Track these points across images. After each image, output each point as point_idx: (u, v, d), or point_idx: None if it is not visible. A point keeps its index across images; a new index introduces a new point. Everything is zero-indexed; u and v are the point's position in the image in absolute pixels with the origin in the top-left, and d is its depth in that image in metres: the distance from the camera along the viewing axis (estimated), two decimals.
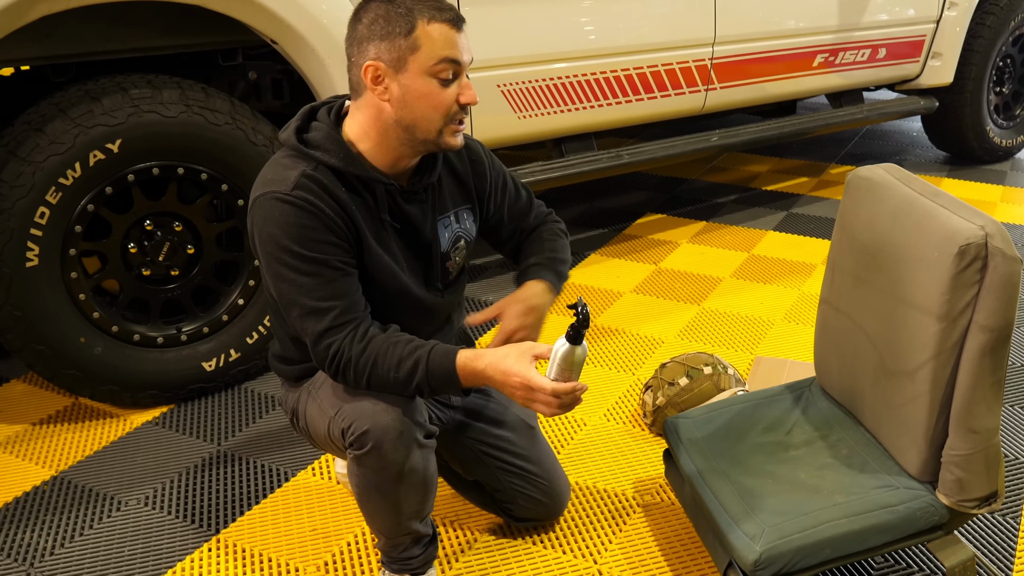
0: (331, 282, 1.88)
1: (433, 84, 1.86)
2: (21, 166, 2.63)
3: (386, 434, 1.89)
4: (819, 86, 4.61)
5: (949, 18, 4.97)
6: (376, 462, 1.91)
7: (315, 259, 1.86)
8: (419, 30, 1.83)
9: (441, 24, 1.84)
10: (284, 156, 1.94)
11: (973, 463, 1.86)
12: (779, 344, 3.41)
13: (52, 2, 2.53)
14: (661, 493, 2.56)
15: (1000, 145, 5.66)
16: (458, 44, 1.86)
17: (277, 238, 1.86)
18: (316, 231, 1.86)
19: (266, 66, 3.26)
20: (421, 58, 1.84)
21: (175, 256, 2.97)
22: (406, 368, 1.86)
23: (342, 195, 1.90)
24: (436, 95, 1.87)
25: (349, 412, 1.93)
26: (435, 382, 1.87)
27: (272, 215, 1.86)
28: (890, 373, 1.98)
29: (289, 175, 1.88)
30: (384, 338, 1.89)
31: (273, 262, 1.88)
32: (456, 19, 1.86)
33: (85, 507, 2.54)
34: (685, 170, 5.67)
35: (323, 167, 1.90)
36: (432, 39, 1.83)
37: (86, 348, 2.85)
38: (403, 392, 1.90)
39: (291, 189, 1.85)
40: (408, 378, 1.87)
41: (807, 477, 2.05)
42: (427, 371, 1.86)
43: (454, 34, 1.85)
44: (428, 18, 1.83)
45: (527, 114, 3.52)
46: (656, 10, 3.79)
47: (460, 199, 2.15)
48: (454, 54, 1.85)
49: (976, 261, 1.76)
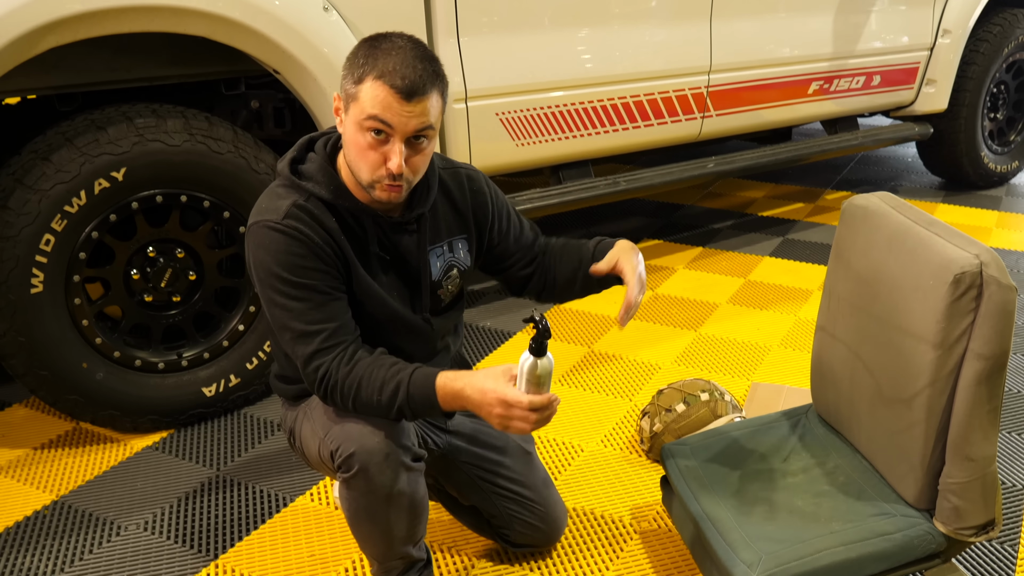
0: (320, 306, 1.92)
1: (363, 137, 1.87)
2: (27, 194, 2.65)
3: (372, 456, 1.91)
4: (814, 113, 4.65)
5: (943, 45, 5.01)
6: (364, 485, 1.94)
7: (303, 284, 1.91)
8: (365, 83, 1.84)
9: (385, 87, 1.82)
10: (279, 186, 1.99)
11: (970, 491, 1.87)
12: (776, 370, 3.43)
13: (60, 34, 2.56)
14: (658, 520, 2.57)
15: (995, 171, 5.70)
16: (393, 109, 1.83)
17: (268, 265, 1.92)
18: (304, 258, 1.91)
19: (268, 95, 3.29)
20: (355, 108, 1.86)
21: (177, 282, 2.99)
22: (388, 391, 1.89)
23: (332, 225, 1.95)
24: (364, 150, 1.88)
25: (337, 434, 1.96)
26: (415, 405, 1.89)
27: (264, 242, 1.92)
28: (887, 401, 1.99)
29: (281, 205, 1.93)
30: (370, 361, 1.92)
31: (265, 287, 1.94)
32: (408, 89, 1.82)
33: (85, 532, 2.55)
34: (682, 196, 5.70)
35: (314, 198, 1.95)
36: (370, 96, 1.83)
37: (88, 373, 2.86)
38: (387, 415, 1.92)
39: (282, 218, 1.91)
40: (390, 401, 1.89)
41: (804, 504, 2.06)
42: (408, 394, 1.88)
43: (393, 100, 1.82)
44: (376, 75, 1.83)
45: (525, 142, 3.55)
46: (653, 39, 3.82)
47: (456, 228, 2.17)
48: (385, 117, 1.83)
49: (971, 290, 1.78)
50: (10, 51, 2.50)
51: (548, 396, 1.84)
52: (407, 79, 1.82)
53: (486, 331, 3.78)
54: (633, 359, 3.52)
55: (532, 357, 1.82)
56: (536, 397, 1.83)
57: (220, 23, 2.74)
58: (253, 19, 2.77)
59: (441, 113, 1.94)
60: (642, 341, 3.68)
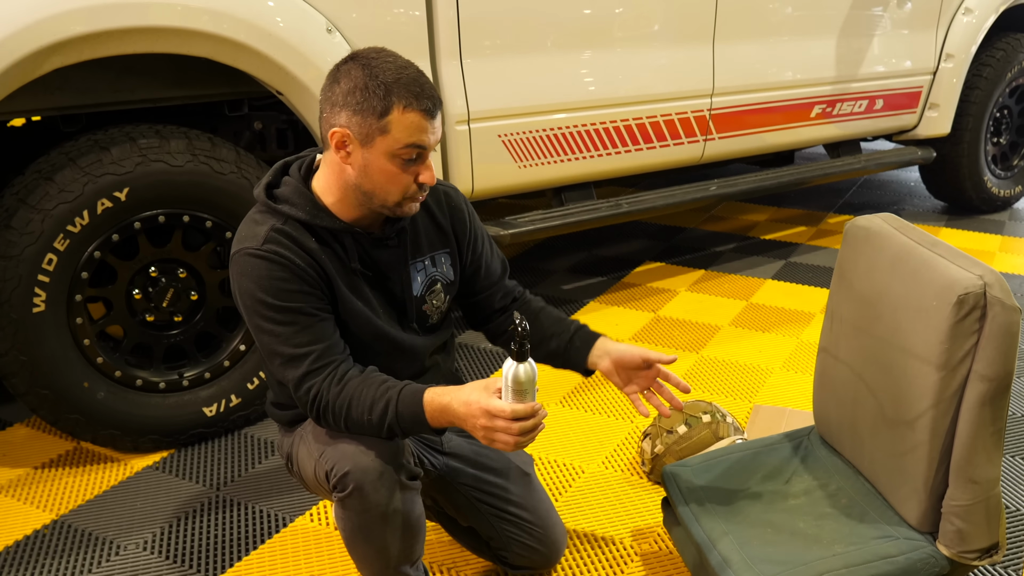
0: (306, 328, 1.93)
1: (396, 164, 1.89)
2: (30, 214, 2.66)
3: (367, 475, 1.91)
4: (817, 136, 4.66)
5: (946, 70, 5.02)
6: (359, 504, 1.93)
7: (289, 308, 1.91)
8: (393, 115, 1.85)
9: (416, 113, 1.85)
10: (256, 212, 2.00)
11: (974, 514, 1.86)
12: (778, 392, 3.42)
13: (65, 54, 2.57)
14: (659, 542, 2.56)
15: (998, 195, 5.70)
16: (428, 131, 1.88)
17: (252, 291, 1.92)
18: (287, 282, 1.91)
19: (271, 116, 3.31)
20: (389, 141, 1.87)
21: (179, 302, 2.99)
22: (378, 410, 1.89)
23: (312, 246, 1.96)
24: (396, 175, 1.91)
25: (331, 455, 1.96)
26: (405, 422, 1.89)
27: (246, 270, 1.93)
28: (889, 422, 1.99)
29: (259, 231, 1.94)
30: (359, 380, 1.92)
31: (252, 315, 1.94)
32: (431, 109, 1.87)
33: (85, 551, 2.54)
34: (684, 219, 5.71)
35: (292, 221, 1.96)
36: (404, 126, 1.85)
37: (89, 393, 2.86)
38: (378, 434, 1.92)
39: (261, 244, 1.92)
40: (380, 420, 1.89)
41: (806, 526, 2.05)
42: (397, 412, 1.88)
43: (426, 122, 1.87)
44: (404, 105, 1.84)
45: (528, 163, 3.56)
46: (655, 62, 3.84)
47: (438, 243, 2.17)
48: (422, 140, 1.88)
49: (975, 311, 1.78)
50: (15, 72, 2.51)
51: (531, 405, 1.81)
52: (431, 98, 1.87)
53: (485, 352, 3.78)
54: None
55: (515, 363, 1.79)
56: (519, 406, 1.80)
57: (224, 44, 2.76)
58: (257, 41, 2.78)
59: None
60: None
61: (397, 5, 3.11)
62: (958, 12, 5.01)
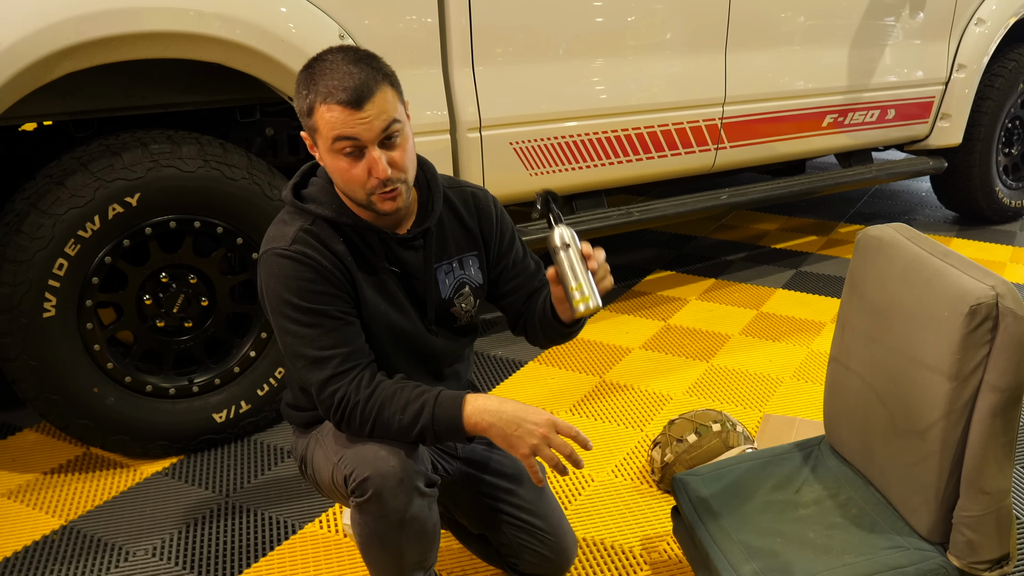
0: (332, 331, 1.92)
1: (341, 160, 1.87)
2: (41, 218, 2.67)
3: (386, 481, 1.89)
4: (828, 146, 4.65)
5: (958, 80, 5.01)
6: (377, 509, 1.92)
7: (315, 310, 1.91)
8: (317, 112, 1.85)
9: (333, 107, 1.82)
10: (285, 213, 2.01)
11: (984, 524, 1.85)
12: (788, 402, 3.41)
13: (77, 59, 2.58)
14: (669, 550, 2.55)
15: (1009, 206, 5.69)
16: (351, 122, 1.83)
17: (279, 292, 1.92)
18: (314, 283, 1.92)
19: (283, 122, 3.31)
20: (322, 138, 1.87)
21: (189, 308, 2.99)
22: (412, 410, 1.89)
23: (339, 247, 1.96)
24: (345, 171, 1.88)
25: (351, 459, 1.94)
26: (440, 425, 1.89)
27: (274, 270, 1.93)
28: (900, 432, 1.98)
29: (288, 231, 1.95)
30: (393, 383, 1.93)
31: (277, 316, 1.94)
32: (355, 99, 1.82)
33: (94, 557, 2.54)
34: (694, 227, 5.71)
35: (320, 220, 1.97)
36: (327, 122, 1.84)
37: (99, 398, 2.86)
38: (406, 436, 1.91)
39: (289, 244, 1.92)
40: (413, 420, 1.89)
41: (816, 536, 2.04)
42: (433, 415, 1.89)
43: (347, 115, 1.82)
44: (322, 99, 1.83)
45: (539, 171, 3.56)
46: (668, 70, 3.83)
47: (466, 245, 2.17)
48: (348, 132, 1.83)
49: (987, 321, 1.77)
50: (27, 76, 2.52)
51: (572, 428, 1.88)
52: (348, 89, 1.82)
53: (497, 360, 3.78)
54: (644, 389, 3.51)
55: (555, 227, 1.91)
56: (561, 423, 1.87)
57: (237, 50, 2.76)
58: (270, 47, 2.79)
59: (399, 103, 1.90)
60: (654, 371, 3.67)
61: (410, 12, 3.12)
62: (970, 23, 5.00)
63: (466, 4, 3.19)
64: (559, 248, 1.91)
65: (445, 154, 3.27)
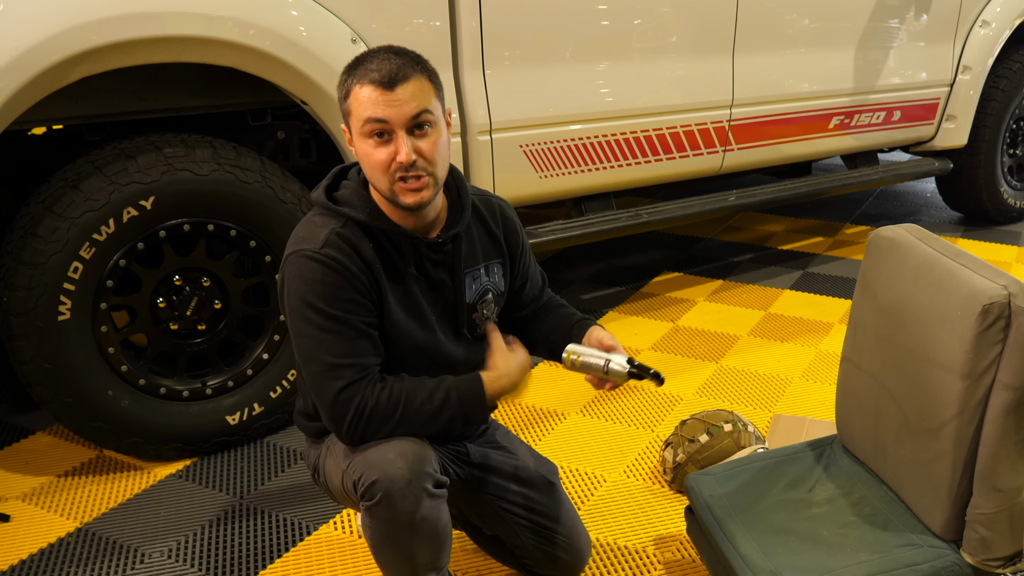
0: (351, 340, 1.93)
1: (368, 145, 1.90)
2: (56, 222, 2.68)
3: (395, 484, 1.90)
4: (835, 147, 4.66)
5: (963, 81, 5.02)
6: (387, 512, 1.92)
7: (338, 317, 1.91)
8: (351, 96, 1.90)
9: (366, 86, 1.87)
10: (316, 215, 2.01)
11: (998, 522, 1.86)
12: (797, 402, 3.42)
13: (91, 64, 2.60)
14: (682, 550, 2.56)
15: (1014, 206, 5.69)
16: (381, 103, 1.86)
17: (303, 294, 1.92)
18: (341, 289, 1.91)
19: (294, 126, 3.33)
20: (353, 121, 1.91)
21: (202, 311, 3.01)
22: (439, 396, 1.94)
23: (369, 253, 1.96)
24: (371, 155, 1.91)
25: (359, 463, 1.95)
26: (465, 398, 1.96)
27: (301, 272, 1.92)
28: (913, 431, 1.99)
29: (319, 233, 1.94)
30: (402, 379, 1.97)
31: (297, 318, 1.94)
32: (387, 80, 1.86)
33: (109, 560, 2.56)
34: (701, 229, 5.72)
35: (351, 223, 1.96)
36: (359, 102, 1.88)
37: (113, 401, 2.88)
38: (433, 423, 1.95)
39: (320, 247, 1.92)
40: (442, 404, 1.94)
41: (830, 535, 2.05)
42: (459, 392, 1.95)
43: (378, 94, 1.86)
44: (358, 81, 1.88)
45: (548, 174, 3.57)
46: (676, 73, 3.85)
47: (492, 253, 2.19)
48: (375, 114, 1.86)
49: (999, 320, 1.78)
50: (42, 80, 2.53)
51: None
52: (383, 70, 1.86)
53: None
54: (655, 390, 3.52)
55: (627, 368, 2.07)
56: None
57: (249, 54, 2.78)
58: (282, 50, 2.81)
59: (436, 100, 1.93)
60: (664, 372, 3.66)
61: (421, 15, 3.13)
62: (975, 25, 5.01)
63: (476, 7, 3.21)
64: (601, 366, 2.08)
65: (456, 157, 3.29)
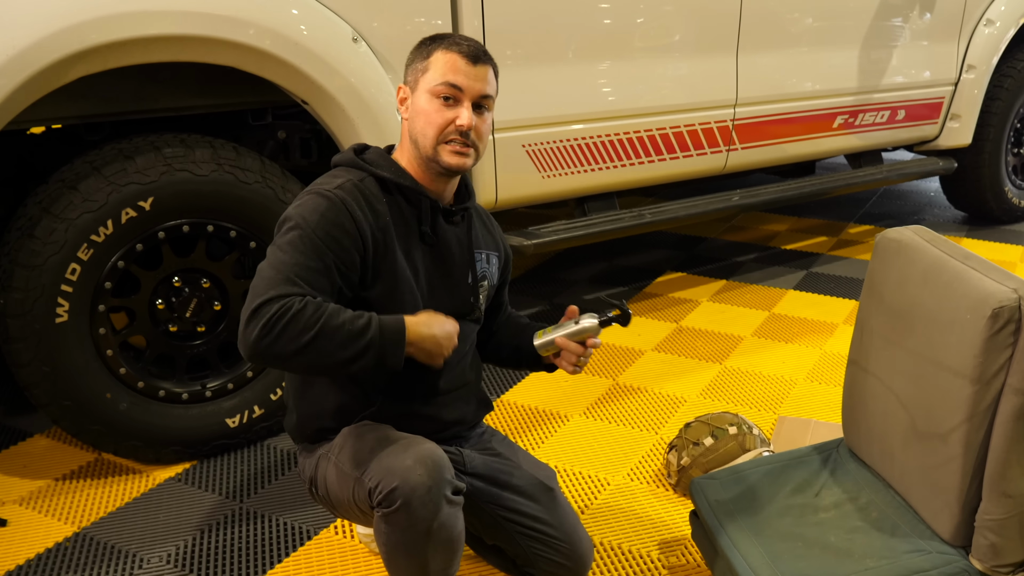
0: (315, 272, 1.92)
1: (433, 103, 2.03)
2: (54, 223, 2.66)
3: (415, 491, 1.88)
4: (839, 147, 4.64)
5: (967, 81, 5.00)
6: (405, 519, 1.90)
7: (317, 246, 1.93)
8: (433, 56, 2.05)
9: (453, 53, 2.03)
10: (338, 170, 2.10)
11: (1007, 528, 1.84)
12: (802, 404, 3.40)
13: (90, 62, 2.57)
14: (687, 555, 2.54)
15: (1018, 206, 5.68)
16: (462, 72, 2.02)
17: (302, 215, 1.96)
18: (336, 227, 1.95)
19: (295, 126, 3.31)
20: (428, 78, 2.04)
21: (202, 312, 2.98)
22: (361, 322, 1.91)
23: (381, 208, 2.03)
24: (432, 112, 2.03)
25: (376, 471, 1.93)
26: (386, 337, 1.92)
27: (307, 203, 1.99)
28: (921, 436, 1.97)
29: (336, 180, 2.03)
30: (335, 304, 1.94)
31: (282, 232, 1.96)
32: (472, 55, 2.04)
33: (107, 564, 2.53)
34: (705, 229, 5.70)
35: (371, 179, 2.05)
36: (440, 64, 2.03)
37: (112, 404, 2.86)
38: (348, 349, 1.89)
39: (333, 188, 1.99)
40: (363, 329, 1.90)
41: (837, 540, 2.03)
42: (380, 324, 1.92)
43: (462, 63, 2.02)
44: (447, 48, 2.04)
45: (551, 173, 3.55)
46: (679, 72, 3.83)
47: (491, 246, 2.30)
48: (454, 79, 2.02)
49: (1009, 324, 1.76)
50: (40, 79, 2.51)
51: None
52: (472, 46, 2.05)
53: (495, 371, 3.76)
54: (658, 392, 3.50)
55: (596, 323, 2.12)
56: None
57: (250, 53, 2.75)
58: (283, 50, 2.78)
59: (496, 94, 2.11)
60: (667, 374, 3.66)
61: (422, 14, 3.11)
62: (979, 24, 5.00)
63: (479, 6, 3.19)
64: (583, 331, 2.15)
65: None
